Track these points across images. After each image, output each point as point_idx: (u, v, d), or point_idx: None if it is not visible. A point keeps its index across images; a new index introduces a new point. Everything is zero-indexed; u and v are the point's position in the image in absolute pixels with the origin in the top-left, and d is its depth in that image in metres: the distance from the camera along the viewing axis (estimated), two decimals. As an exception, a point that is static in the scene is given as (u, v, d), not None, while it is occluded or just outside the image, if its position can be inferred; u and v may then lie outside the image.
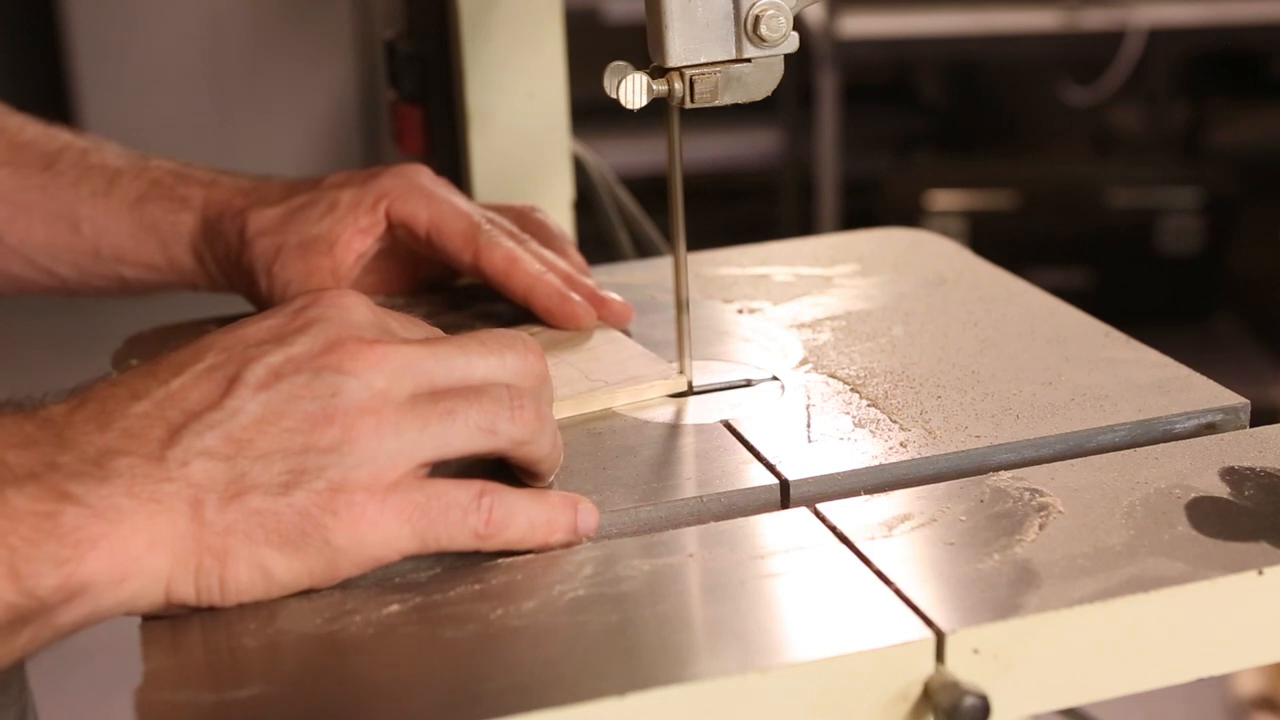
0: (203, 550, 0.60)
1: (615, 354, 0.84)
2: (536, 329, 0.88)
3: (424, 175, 0.90)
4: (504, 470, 0.69)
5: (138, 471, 0.59)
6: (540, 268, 0.88)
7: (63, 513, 0.57)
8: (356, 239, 0.88)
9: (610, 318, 0.89)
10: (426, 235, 0.88)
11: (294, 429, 0.61)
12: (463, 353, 0.66)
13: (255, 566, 0.61)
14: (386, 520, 0.62)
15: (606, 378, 0.81)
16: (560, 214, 1.11)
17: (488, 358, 0.66)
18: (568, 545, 0.66)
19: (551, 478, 0.70)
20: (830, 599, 0.61)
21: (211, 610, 0.62)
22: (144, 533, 0.59)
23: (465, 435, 0.64)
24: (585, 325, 0.87)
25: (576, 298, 0.88)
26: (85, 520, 0.58)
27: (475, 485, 0.64)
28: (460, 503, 0.63)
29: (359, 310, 0.66)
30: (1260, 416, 0.78)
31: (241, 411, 0.61)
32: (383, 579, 0.64)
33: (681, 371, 0.82)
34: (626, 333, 0.89)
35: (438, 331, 0.70)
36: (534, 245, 0.90)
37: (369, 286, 0.92)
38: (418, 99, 1.10)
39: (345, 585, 0.63)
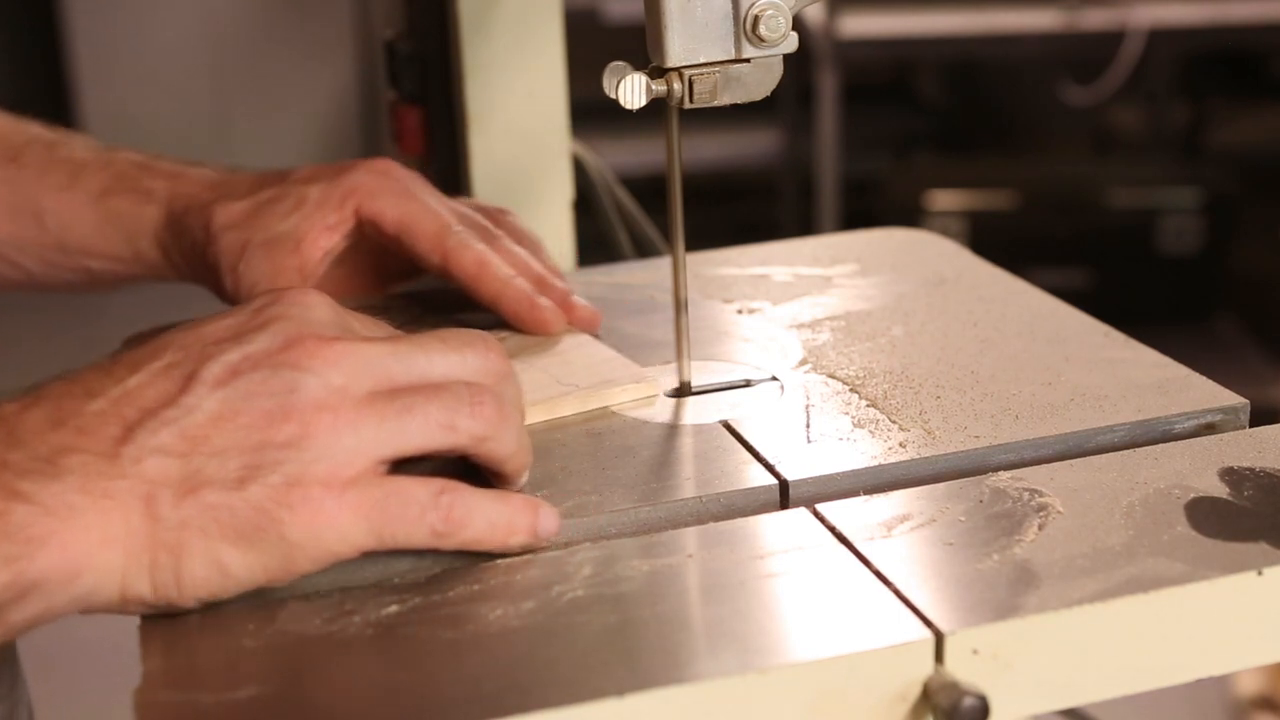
0: (157, 546, 0.59)
1: (586, 358, 0.84)
2: (505, 334, 0.87)
3: (395, 171, 0.89)
4: (474, 475, 0.68)
5: (90, 468, 0.59)
6: (510, 272, 0.87)
7: (12, 511, 0.57)
8: (323, 236, 0.87)
9: (578, 323, 0.88)
10: (395, 234, 0.87)
11: (250, 425, 0.61)
12: (422, 350, 0.66)
13: (210, 561, 0.60)
14: (343, 516, 0.61)
15: (577, 381, 0.81)
16: (560, 214, 1.11)
17: (448, 355, 0.66)
18: (526, 549, 0.66)
19: (523, 480, 0.69)
20: (829, 599, 0.61)
21: (210, 610, 0.62)
22: (96, 529, 0.58)
23: (424, 431, 0.63)
24: (554, 331, 0.86)
25: (545, 303, 0.86)
26: (35, 518, 0.57)
27: (435, 483, 0.64)
28: (419, 499, 0.63)
29: (320, 309, 0.66)
30: (1260, 416, 0.78)
31: (197, 409, 0.61)
32: (382, 579, 0.64)
33: (680, 371, 0.82)
34: (597, 336, 0.88)
35: (400, 333, 0.69)
36: (507, 243, 0.89)
37: (336, 280, 0.91)
38: (418, 99, 1.10)
39: (345, 586, 0.63)
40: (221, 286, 0.89)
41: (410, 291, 0.96)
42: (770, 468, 0.72)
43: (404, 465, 0.65)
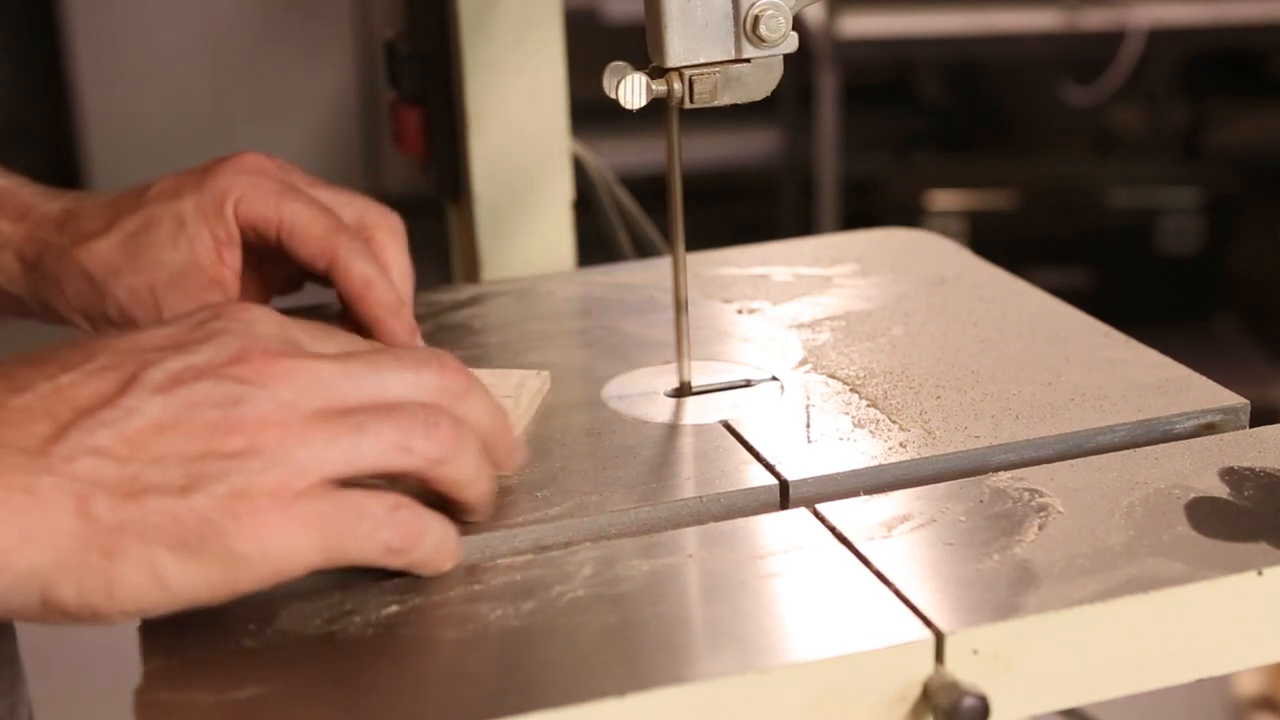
0: (90, 548, 0.56)
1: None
2: None
3: (266, 167, 0.82)
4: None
5: (10, 463, 0.55)
6: (394, 298, 0.80)
7: None
8: (225, 253, 0.81)
9: None
10: (277, 237, 0.80)
11: (194, 435, 0.58)
12: (374, 370, 0.63)
13: (148, 569, 0.57)
14: (291, 529, 0.58)
15: (509, 394, 0.79)
16: (560, 214, 1.11)
17: (403, 375, 0.63)
18: (441, 572, 0.64)
19: (487, 512, 0.66)
20: (830, 599, 0.61)
21: (209, 611, 0.61)
22: (13, 527, 0.55)
23: (377, 451, 0.61)
24: None
25: (420, 346, 0.81)
26: None
27: (389, 497, 0.61)
28: (372, 514, 0.60)
29: (264, 323, 0.63)
30: (1260, 416, 0.78)
31: (138, 412, 0.58)
32: (382, 578, 0.64)
33: (680, 371, 0.82)
34: None
35: (356, 341, 0.67)
36: (392, 251, 0.83)
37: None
38: (418, 99, 1.10)
39: (345, 585, 0.63)
40: None
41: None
42: (770, 468, 0.72)
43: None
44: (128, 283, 0.80)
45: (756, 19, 0.74)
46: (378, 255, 0.82)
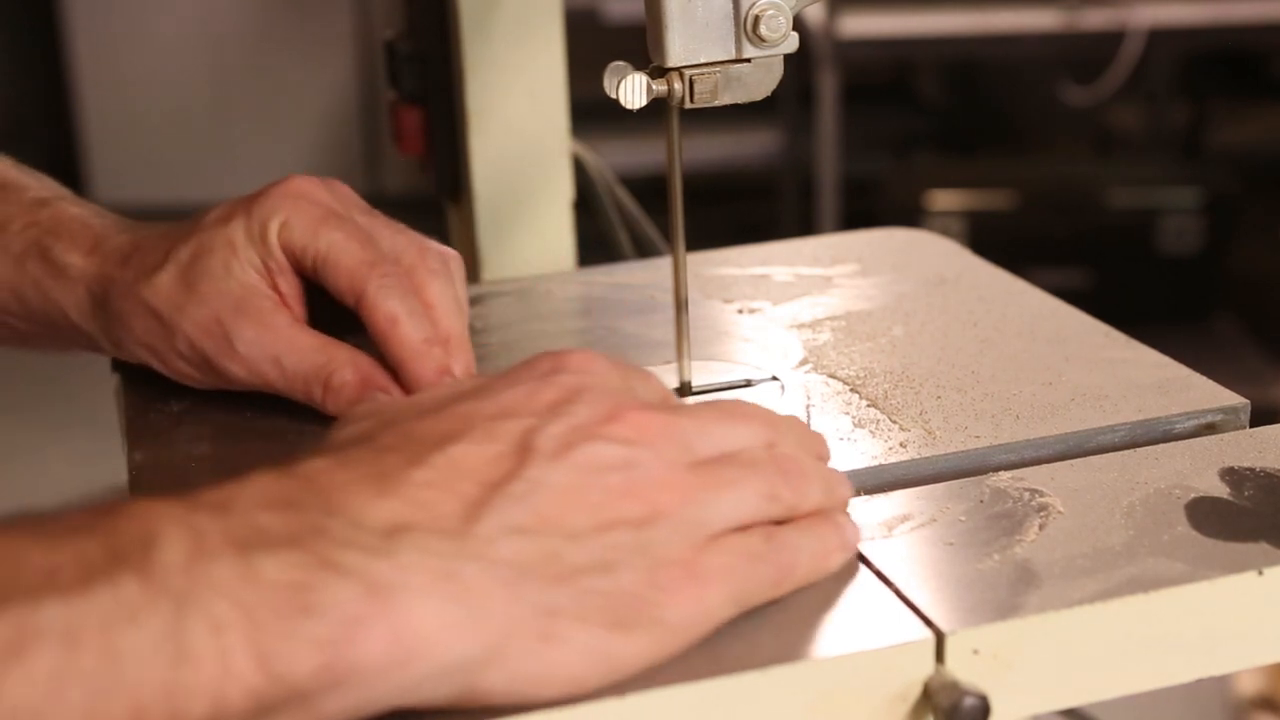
0: (523, 635, 0.53)
1: None
2: None
3: (313, 193, 0.79)
4: None
5: (432, 547, 0.53)
6: (421, 337, 0.77)
7: (327, 585, 0.50)
8: (280, 282, 0.78)
9: None
10: (313, 268, 0.78)
11: (599, 504, 0.56)
12: (716, 423, 0.62)
13: (588, 651, 0.54)
14: (708, 590, 0.57)
15: None
16: (560, 214, 1.11)
17: (736, 427, 0.62)
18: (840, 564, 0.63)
19: (847, 502, 0.66)
20: (830, 599, 0.61)
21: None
22: (438, 617, 0.52)
23: (750, 503, 0.60)
24: None
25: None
26: (357, 595, 0.51)
27: (760, 531, 0.60)
28: (758, 554, 0.59)
29: (609, 375, 0.61)
30: (1260, 416, 0.78)
31: (544, 483, 0.56)
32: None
33: (680, 371, 0.82)
34: None
35: (662, 382, 0.65)
36: (434, 290, 0.79)
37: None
38: (418, 99, 1.10)
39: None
40: (222, 377, 0.78)
41: None
42: (770, 468, 0.72)
43: None
44: (193, 316, 0.77)
45: (757, 19, 0.74)
46: (418, 293, 0.78)
